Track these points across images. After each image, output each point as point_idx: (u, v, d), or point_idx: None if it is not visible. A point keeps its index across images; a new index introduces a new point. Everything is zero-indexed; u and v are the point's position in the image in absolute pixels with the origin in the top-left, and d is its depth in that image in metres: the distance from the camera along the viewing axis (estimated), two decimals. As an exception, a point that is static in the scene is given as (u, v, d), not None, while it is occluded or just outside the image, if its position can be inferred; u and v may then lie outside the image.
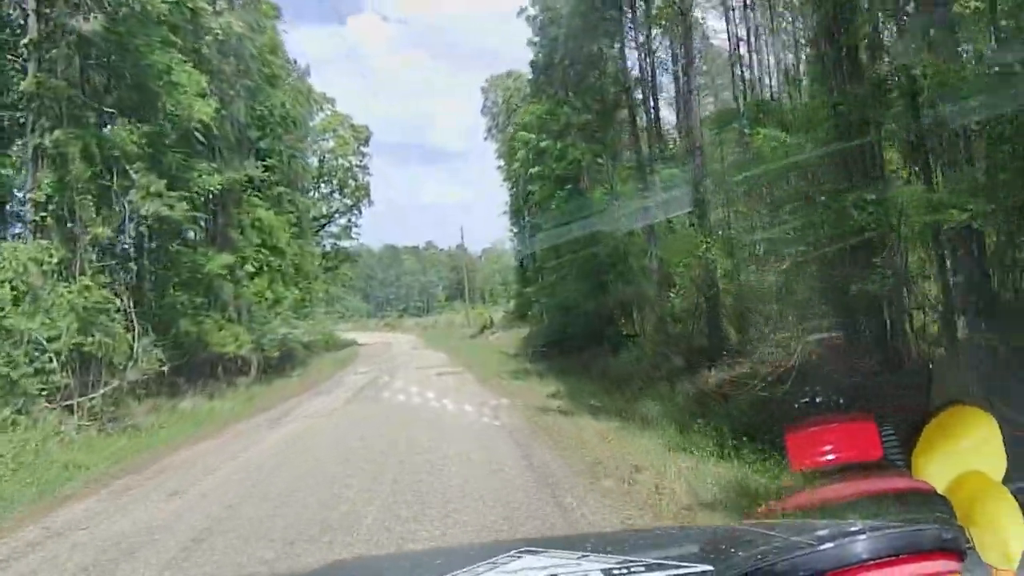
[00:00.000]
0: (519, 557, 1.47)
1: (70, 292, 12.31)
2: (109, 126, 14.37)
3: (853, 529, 1.29)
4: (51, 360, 11.57)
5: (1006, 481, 1.25)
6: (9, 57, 14.10)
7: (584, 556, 1.44)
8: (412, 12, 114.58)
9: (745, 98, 18.47)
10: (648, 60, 21.29)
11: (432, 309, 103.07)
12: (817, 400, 10.03)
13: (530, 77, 29.93)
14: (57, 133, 12.62)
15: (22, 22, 13.93)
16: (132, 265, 15.85)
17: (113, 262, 14.55)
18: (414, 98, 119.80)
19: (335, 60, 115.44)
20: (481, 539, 6.07)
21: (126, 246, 15.59)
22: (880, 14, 12.03)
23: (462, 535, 6.30)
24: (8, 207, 16.31)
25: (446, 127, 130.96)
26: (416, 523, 6.76)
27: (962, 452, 1.29)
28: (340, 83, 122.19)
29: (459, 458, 9.89)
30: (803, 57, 16.27)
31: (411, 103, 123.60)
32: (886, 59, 11.80)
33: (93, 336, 12.25)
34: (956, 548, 1.22)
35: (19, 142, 14.06)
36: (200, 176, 16.45)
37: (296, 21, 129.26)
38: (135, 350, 13.52)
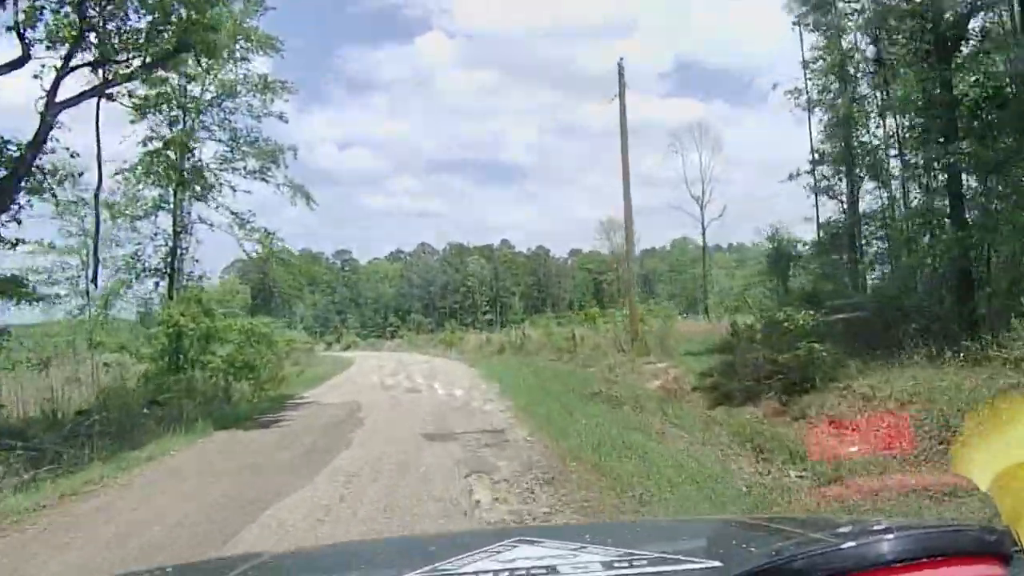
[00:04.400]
0: (515, 547, 1.37)
1: None
2: None
3: (879, 527, 1.07)
4: None
5: None
6: None
7: (582, 548, 1.32)
8: (478, 29, 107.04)
9: None
10: None
11: (507, 322, 75.77)
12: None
13: None
14: None
15: None
16: None
17: None
18: (480, 115, 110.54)
19: (404, 80, 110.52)
20: None
21: None
22: None
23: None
24: None
25: (514, 143, 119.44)
26: None
27: (1011, 444, 1.08)
28: (409, 102, 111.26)
29: None
30: None
31: (478, 120, 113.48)
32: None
33: None
34: (1001, 551, 1.01)
35: None
36: None
37: (366, 44, 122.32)
38: None
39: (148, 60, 10.37)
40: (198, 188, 18.21)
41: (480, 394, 14.87)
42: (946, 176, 11.95)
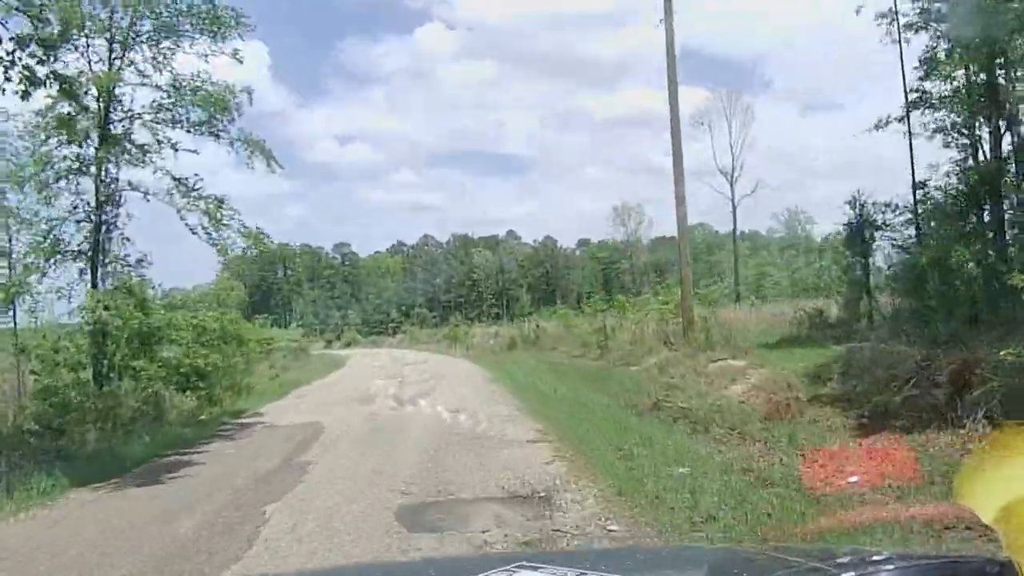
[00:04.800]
0: (515, 571, 1.33)
1: None
2: None
3: (879, 558, 1.10)
4: None
5: None
6: None
7: (583, 574, 1.29)
8: (477, 20, 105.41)
9: None
10: None
11: (514, 315, 71.62)
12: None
13: None
14: None
15: None
16: None
17: None
18: (480, 107, 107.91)
19: (403, 72, 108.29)
20: None
21: None
22: None
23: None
24: None
25: (516, 135, 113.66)
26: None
27: (1013, 477, 1.07)
28: (409, 95, 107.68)
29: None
30: None
31: (478, 112, 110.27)
32: None
33: None
34: None
35: None
36: None
37: (365, 35, 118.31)
38: None
39: None
40: (131, 148, 14.12)
41: (495, 409, 10.72)
42: None
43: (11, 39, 8.08)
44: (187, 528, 5.05)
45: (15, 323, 16.09)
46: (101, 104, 13.85)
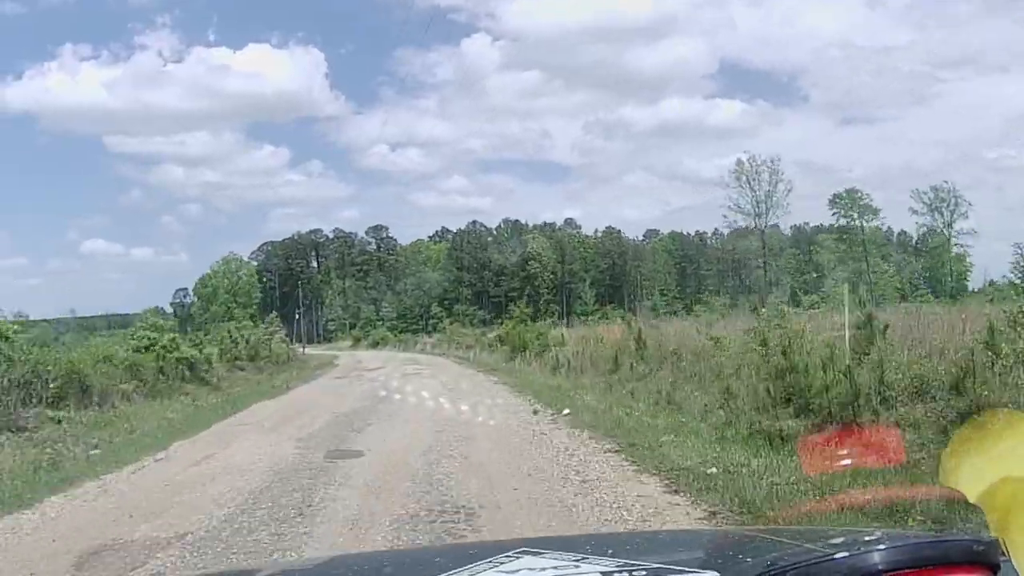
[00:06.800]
0: (518, 557, 1.36)
1: None
2: None
3: (871, 538, 1.12)
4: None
5: None
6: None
7: (583, 559, 1.32)
8: (522, 31, 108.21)
9: None
10: None
11: (575, 313, 61.39)
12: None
13: None
14: None
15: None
16: None
17: None
18: (525, 115, 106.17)
19: (451, 81, 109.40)
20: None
21: None
22: None
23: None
24: None
25: (560, 142, 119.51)
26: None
27: (998, 457, 1.07)
28: (457, 103, 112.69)
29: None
30: None
31: (524, 119, 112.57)
32: None
33: None
34: (989, 560, 1.01)
35: None
36: None
37: (413, 46, 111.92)
38: None
39: None
40: None
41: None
42: None
43: None
44: None
45: None
46: None
